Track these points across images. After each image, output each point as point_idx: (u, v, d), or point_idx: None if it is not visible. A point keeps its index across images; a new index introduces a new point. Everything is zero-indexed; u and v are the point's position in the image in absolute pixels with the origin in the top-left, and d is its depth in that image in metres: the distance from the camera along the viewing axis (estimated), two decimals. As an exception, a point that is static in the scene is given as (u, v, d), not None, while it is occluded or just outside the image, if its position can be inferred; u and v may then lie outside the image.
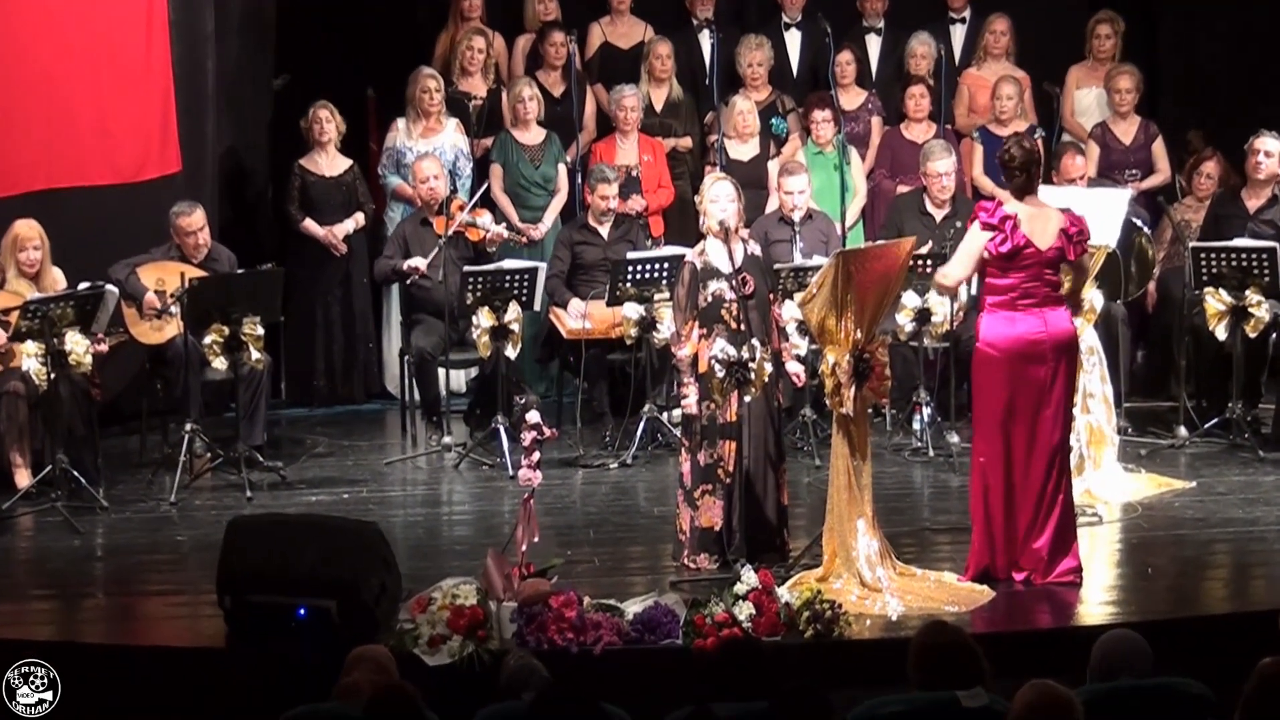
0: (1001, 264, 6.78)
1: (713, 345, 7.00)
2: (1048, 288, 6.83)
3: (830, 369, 6.85)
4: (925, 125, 10.58)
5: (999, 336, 6.83)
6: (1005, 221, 6.75)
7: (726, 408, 7.08)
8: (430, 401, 9.49)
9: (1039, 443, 6.83)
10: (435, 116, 10.27)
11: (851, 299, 6.77)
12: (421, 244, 9.47)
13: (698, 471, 7.16)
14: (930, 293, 8.87)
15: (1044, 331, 6.79)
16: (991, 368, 6.85)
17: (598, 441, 9.28)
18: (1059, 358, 6.83)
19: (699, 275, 7.15)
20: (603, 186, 9.61)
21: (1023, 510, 6.89)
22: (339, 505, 8.28)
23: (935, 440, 8.97)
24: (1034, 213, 6.84)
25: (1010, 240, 6.74)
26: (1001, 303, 6.84)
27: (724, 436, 7.10)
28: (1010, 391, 6.82)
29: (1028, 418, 6.83)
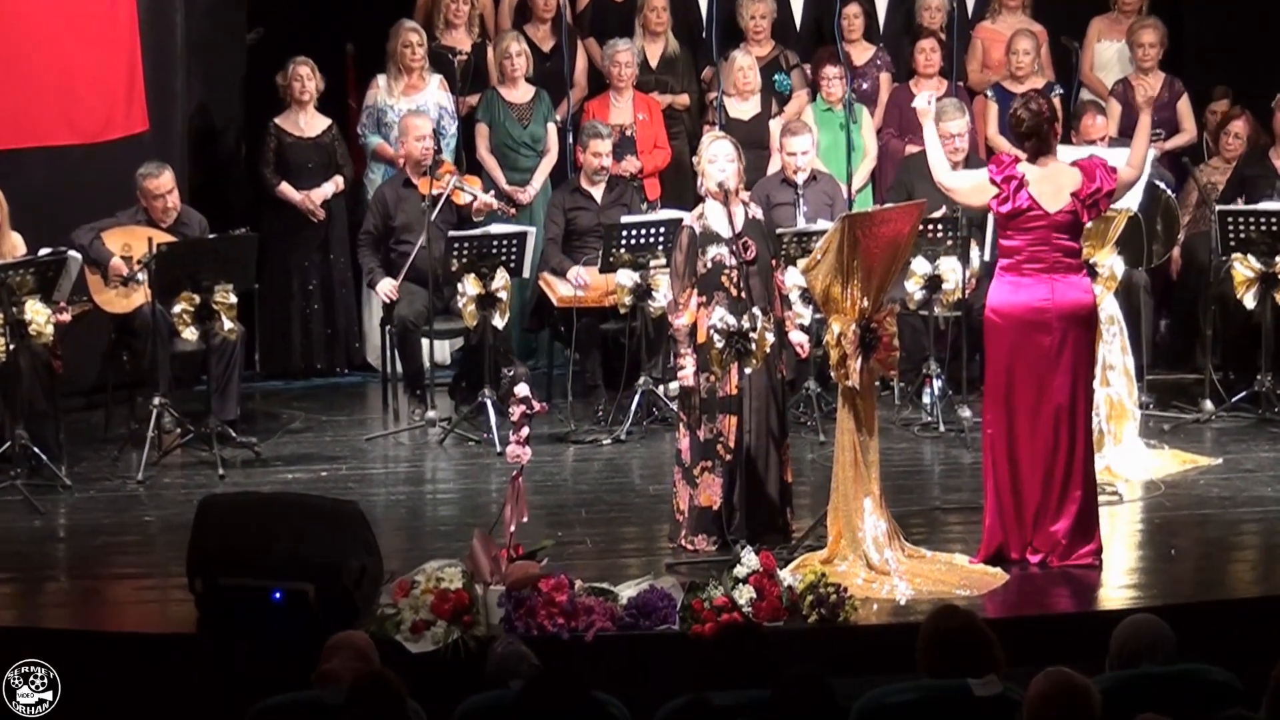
0: (1006, 224, 6.82)
1: (711, 314, 6.98)
2: (1059, 253, 6.81)
3: (835, 339, 6.84)
4: (936, 82, 10.55)
5: (1003, 303, 6.86)
6: (1009, 181, 6.77)
7: (727, 380, 7.06)
8: (413, 374, 9.48)
9: (1043, 415, 6.83)
10: (418, 73, 10.24)
11: (858, 265, 6.76)
12: (404, 207, 9.45)
13: (697, 447, 7.15)
14: (941, 259, 8.86)
15: (1049, 300, 6.78)
16: (996, 335, 6.89)
17: (590, 416, 9.27)
18: (1068, 326, 6.81)
19: (698, 240, 7.13)
20: (595, 143, 9.58)
21: (1029, 485, 6.90)
22: (317, 483, 8.27)
23: (946, 415, 8.97)
24: (1044, 174, 6.83)
25: (1011, 201, 6.77)
26: (1009, 266, 6.87)
27: (724, 410, 7.09)
28: (1015, 360, 6.85)
29: (1030, 388, 6.84)
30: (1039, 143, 6.89)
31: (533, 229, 9.24)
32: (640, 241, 8.91)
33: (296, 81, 10.07)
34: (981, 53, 10.94)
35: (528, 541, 6.71)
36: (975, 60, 10.95)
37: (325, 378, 10.38)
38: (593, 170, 9.62)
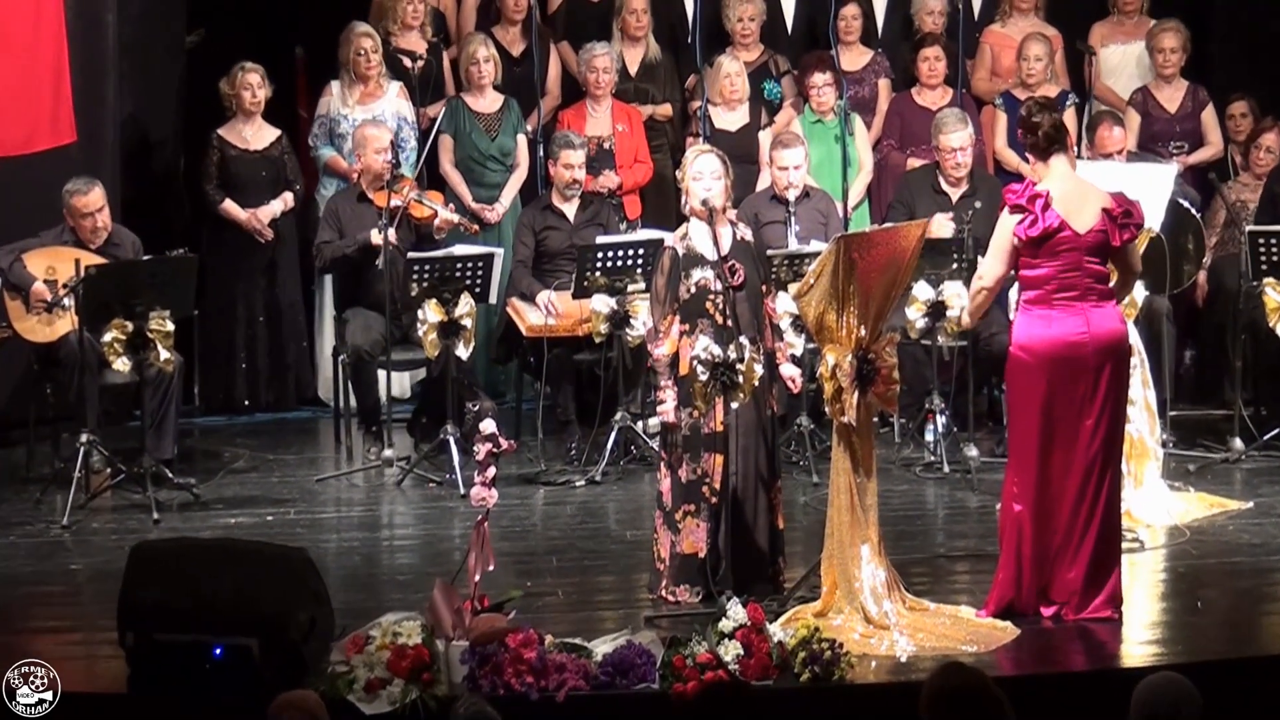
0: (1032, 250, 6.71)
1: (695, 344, 6.99)
2: (1090, 279, 6.74)
3: (830, 371, 6.85)
4: (940, 91, 10.60)
5: (1035, 339, 6.76)
6: (1034, 200, 6.68)
7: (711, 416, 7.07)
8: (368, 408, 9.48)
9: (1075, 462, 6.77)
10: (374, 79, 10.27)
11: (854, 290, 6.78)
12: (359, 223, 9.45)
13: (679, 489, 7.16)
14: (945, 284, 8.88)
15: (1086, 332, 6.71)
16: (1025, 375, 6.79)
17: (562, 455, 9.28)
18: (1104, 362, 6.74)
19: (680, 263, 7.15)
20: (567, 154, 9.60)
21: (1054, 536, 6.86)
22: (262, 528, 8.26)
23: (951, 454, 8.99)
24: (1069, 190, 6.77)
25: (1041, 221, 6.67)
26: (1036, 298, 6.77)
27: (709, 449, 7.10)
28: (1047, 402, 6.75)
29: (1066, 433, 6.77)
30: (1054, 148, 6.80)
31: (500, 250, 9.27)
32: (617, 264, 8.93)
33: (246, 90, 10.09)
34: (990, 59, 11.00)
35: (494, 592, 6.69)
36: (983, 67, 11.01)
37: (272, 413, 10.39)
38: (564, 184, 9.63)
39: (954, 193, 9.72)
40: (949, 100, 10.45)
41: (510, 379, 10.21)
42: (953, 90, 10.53)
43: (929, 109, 10.42)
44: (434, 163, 10.34)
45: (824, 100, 10.36)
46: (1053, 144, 6.81)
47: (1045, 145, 6.82)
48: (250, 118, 10.15)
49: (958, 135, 9.61)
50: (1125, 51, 10.91)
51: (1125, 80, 10.87)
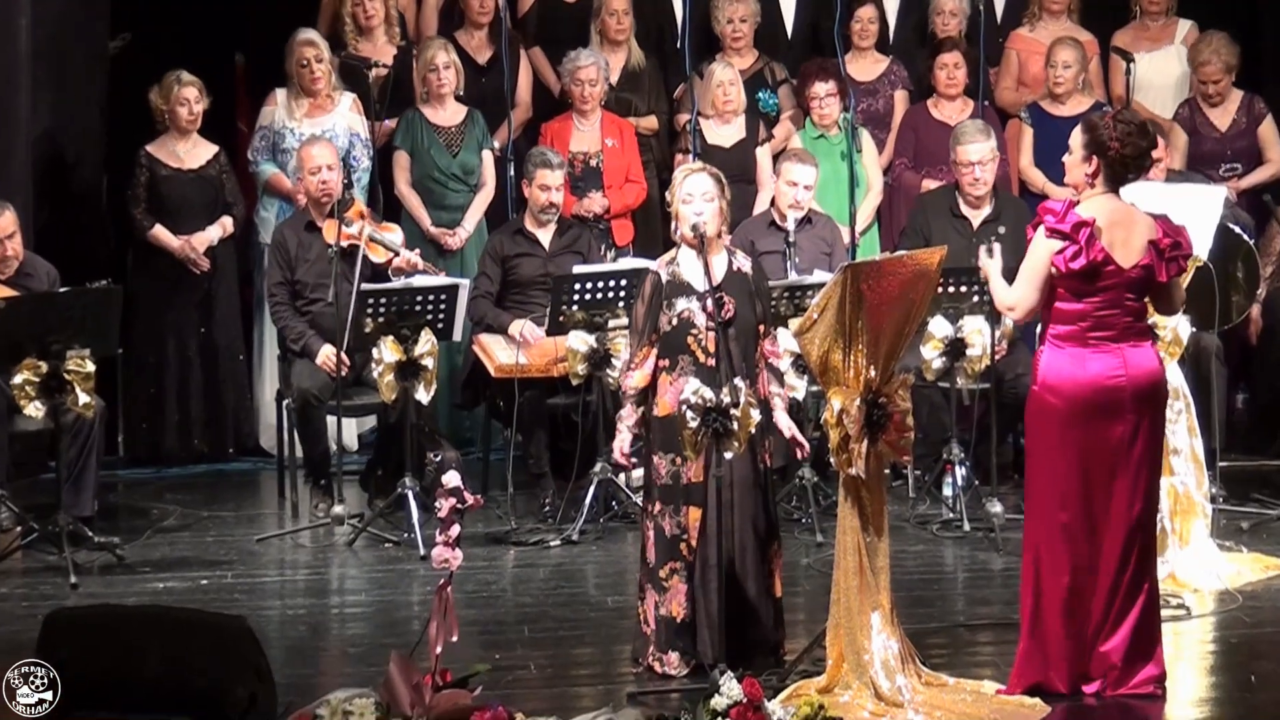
0: (1073, 285, 6.69)
1: (684, 386, 7.00)
2: (1130, 316, 6.74)
3: (836, 418, 6.87)
4: (960, 103, 10.65)
5: (1064, 379, 6.73)
6: (1080, 230, 6.62)
7: (690, 465, 7.12)
8: (316, 459, 9.50)
9: (1113, 521, 6.73)
10: (324, 92, 10.31)
11: (863, 326, 6.81)
12: (308, 255, 9.48)
13: (663, 544, 7.19)
14: (965, 319, 8.92)
15: (1123, 374, 6.70)
16: (1052, 420, 6.77)
17: (535, 511, 9.30)
18: (1142, 409, 6.73)
19: (663, 290, 7.18)
20: (543, 173, 9.62)
21: (1093, 611, 6.82)
22: (195, 594, 8.26)
23: (972, 510, 9.02)
24: (1117, 218, 6.72)
25: (1086, 254, 6.63)
26: (1068, 335, 6.74)
27: (688, 501, 7.13)
28: (1076, 453, 6.73)
29: (1099, 487, 6.75)
30: (1132, 179, 6.77)
31: (465, 281, 9.28)
32: (597, 296, 8.96)
33: (182, 106, 10.13)
34: (1016, 66, 11.06)
35: (457, 666, 6.71)
36: (1009, 75, 11.07)
37: (207, 464, 10.40)
38: (540, 208, 9.66)
39: (975, 216, 9.73)
40: (969, 113, 10.48)
41: (477, 426, 10.23)
42: (974, 102, 10.58)
43: (946, 123, 10.47)
44: (390, 182, 10.38)
45: (827, 113, 10.40)
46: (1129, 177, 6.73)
47: (1120, 177, 6.73)
48: (184, 134, 10.19)
49: (977, 147, 9.64)
50: (1152, 60, 10.93)
51: (1156, 93, 10.91)
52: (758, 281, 7.31)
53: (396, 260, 9.37)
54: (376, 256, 9.36)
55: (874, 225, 10.60)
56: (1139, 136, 6.72)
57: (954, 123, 10.32)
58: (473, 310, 9.48)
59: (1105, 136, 6.71)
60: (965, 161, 9.66)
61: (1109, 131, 6.71)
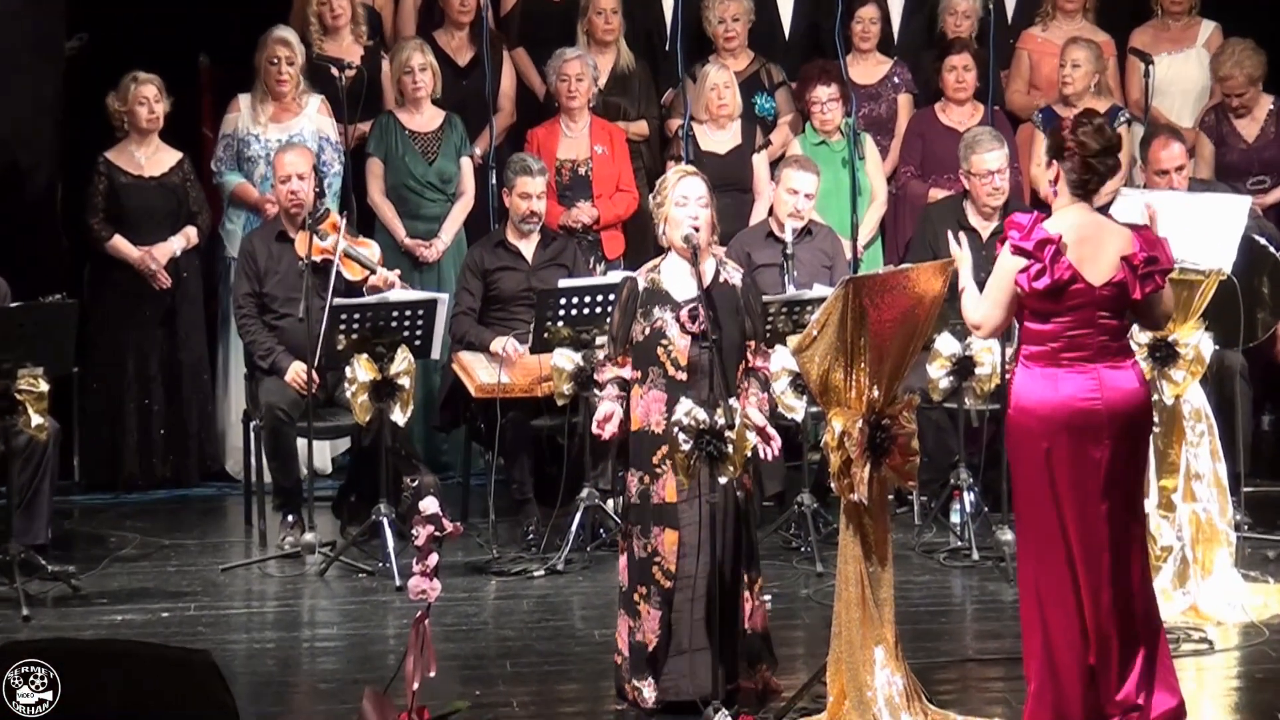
0: (1040, 305, 6.68)
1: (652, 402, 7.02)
2: (1105, 335, 6.70)
3: (836, 440, 6.89)
4: (970, 107, 10.68)
5: (1037, 400, 6.70)
6: (1044, 247, 6.60)
7: (661, 483, 7.13)
8: (286, 484, 9.49)
9: (1093, 544, 6.70)
10: (291, 94, 10.34)
11: (865, 344, 6.84)
12: (278, 268, 9.50)
13: (633, 567, 7.22)
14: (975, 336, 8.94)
15: (1098, 396, 6.67)
16: (1028, 443, 6.73)
17: (518, 539, 9.32)
18: (1122, 434, 6.70)
19: (639, 299, 7.21)
20: (523, 181, 9.63)
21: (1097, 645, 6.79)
22: (156, 627, 8.27)
23: (981, 538, 9.04)
24: (1088, 233, 6.67)
25: (1050, 274, 6.60)
26: (1040, 355, 6.71)
27: (658, 522, 7.15)
28: (1054, 476, 6.70)
29: (1081, 511, 6.70)
30: (1096, 181, 6.72)
31: (444, 296, 9.31)
32: (583, 311, 8.98)
33: (140, 106, 10.15)
34: (1027, 68, 11.10)
35: (435, 703, 6.73)
36: (1020, 78, 11.10)
37: (168, 489, 10.40)
38: (520, 217, 9.67)
39: (985, 228, 9.70)
40: (979, 118, 10.51)
41: (456, 449, 10.26)
42: (984, 106, 10.61)
43: (955, 129, 10.49)
44: (362, 190, 10.38)
45: (829, 118, 10.42)
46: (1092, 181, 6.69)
47: (1083, 182, 6.70)
48: (145, 138, 10.20)
49: (993, 155, 9.63)
50: (1172, 63, 10.95)
51: (1177, 99, 10.95)
52: (746, 296, 7.32)
53: (373, 279, 9.38)
54: (351, 274, 9.37)
55: (878, 237, 10.63)
56: (1093, 136, 6.65)
57: (963, 128, 10.34)
58: (453, 327, 9.51)
59: (1060, 139, 6.70)
60: (983, 171, 9.65)
61: (1064, 133, 6.69)
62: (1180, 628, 7.92)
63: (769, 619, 7.38)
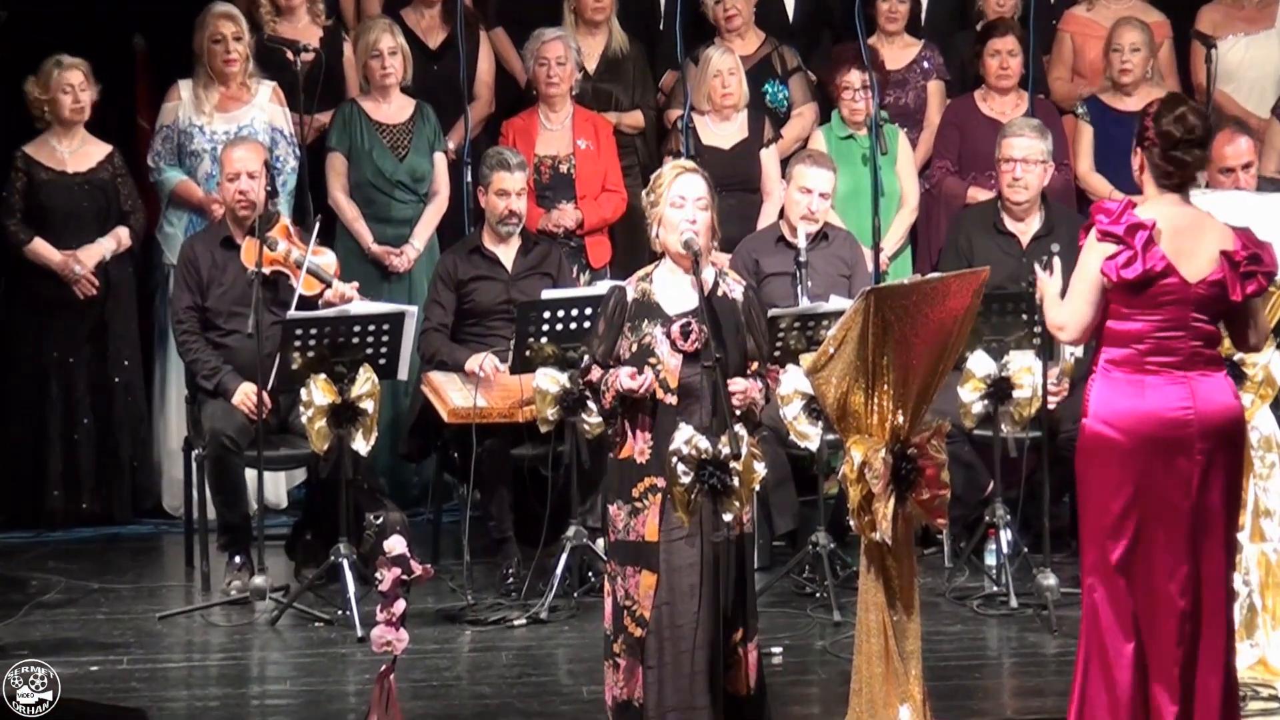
0: (1126, 298, 6.71)
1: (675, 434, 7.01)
2: (1199, 341, 6.75)
3: (856, 472, 6.93)
4: (1014, 97, 10.72)
5: (1119, 412, 6.74)
6: (1135, 232, 6.66)
7: (641, 519, 7.17)
8: (233, 521, 9.50)
9: (1178, 576, 6.73)
10: (239, 79, 10.40)
11: (889, 364, 6.88)
12: (223, 278, 9.53)
13: (614, 612, 7.26)
14: (1012, 354, 8.97)
15: (1190, 408, 6.71)
16: (1106, 459, 6.77)
17: (496, 584, 9.35)
18: (1215, 450, 6.74)
19: (628, 310, 7.24)
20: (501, 177, 9.65)
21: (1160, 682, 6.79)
22: (85, 682, 8.27)
23: (1020, 583, 9.07)
24: (1183, 223, 6.74)
25: (1141, 261, 6.65)
26: (1123, 359, 6.75)
27: (635, 562, 7.18)
28: (1135, 498, 6.74)
29: (1162, 537, 6.73)
30: (1190, 172, 6.77)
31: (412, 309, 9.29)
32: (569, 326, 9.00)
33: (65, 94, 10.19)
34: (1070, 53, 11.17)
35: (403, 768, 6.78)
36: (1062, 64, 11.17)
37: (98, 527, 10.43)
38: (498, 218, 9.70)
39: (1023, 232, 9.80)
40: (1024, 109, 10.53)
41: (426, 482, 10.32)
42: (1028, 95, 10.64)
43: (998, 120, 10.55)
44: (321, 190, 10.41)
45: (860, 107, 10.45)
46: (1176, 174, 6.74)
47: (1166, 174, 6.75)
48: (69, 130, 10.24)
49: (1023, 142, 9.68)
50: (1248, 46, 11.02)
51: (1252, 85, 11.01)
52: (749, 312, 7.32)
53: (329, 293, 9.39)
54: (305, 288, 9.36)
55: (907, 246, 10.68)
56: (1176, 125, 6.72)
57: (1006, 119, 10.40)
58: (422, 344, 9.55)
59: (1143, 127, 6.78)
60: (1006, 157, 9.72)
61: (1147, 120, 6.77)
62: (1248, 683, 7.89)
63: (778, 675, 7.39)
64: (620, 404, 7.17)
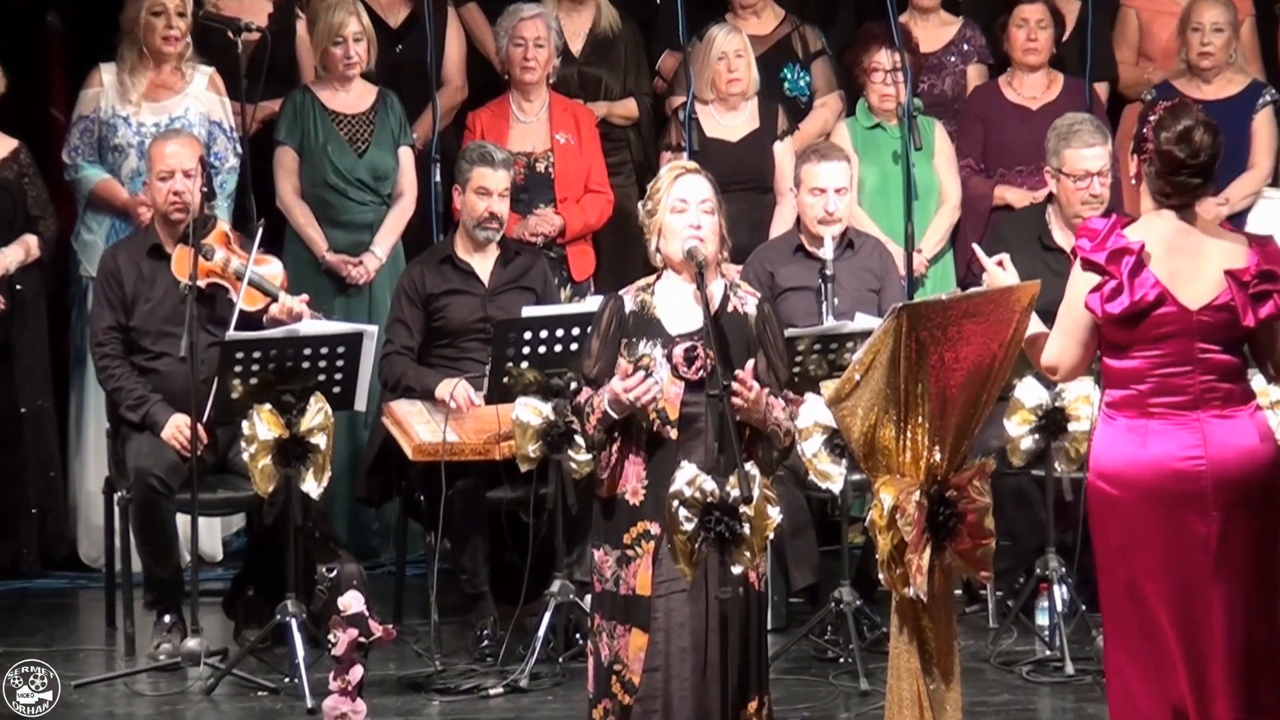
0: (1120, 332, 6.69)
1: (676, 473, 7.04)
2: (1211, 375, 6.69)
3: (886, 518, 6.96)
4: (1044, 76, 10.76)
5: (1120, 462, 6.70)
6: (1120, 259, 6.63)
7: (631, 571, 7.21)
8: (162, 575, 9.52)
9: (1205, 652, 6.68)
10: (173, 62, 10.44)
11: (924, 392, 6.91)
12: (150, 293, 9.56)
13: (598, 674, 7.30)
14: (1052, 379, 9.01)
15: (1201, 455, 6.65)
16: (1105, 516, 6.75)
17: (469, 647, 9.39)
18: (1235, 504, 6.67)
19: (626, 324, 7.28)
20: (481, 174, 9.69)
21: None
22: (-7, 764, 8.36)
23: (1077, 646, 9.10)
24: (1180, 242, 6.68)
25: (1129, 291, 6.63)
26: (1124, 401, 6.72)
27: (625, 619, 7.22)
28: (1145, 563, 6.70)
29: (1183, 608, 6.69)
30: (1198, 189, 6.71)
31: (374, 329, 9.31)
32: (554, 349, 9.05)
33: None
34: (1136, 32, 11.23)
35: None
36: (1126, 44, 11.22)
37: (3, 581, 10.48)
38: (476, 221, 9.73)
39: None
40: (1057, 91, 10.61)
41: (387, 529, 10.37)
42: (1061, 76, 10.71)
43: (1026, 106, 10.65)
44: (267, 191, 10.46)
45: (890, 93, 10.51)
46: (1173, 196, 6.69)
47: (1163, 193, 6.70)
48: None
49: (1095, 153, 9.64)
50: None
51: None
52: (763, 328, 7.38)
53: (274, 308, 9.41)
54: (247, 302, 9.38)
55: (949, 249, 10.73)
56: (1180, 144, 6.65)
57: (1036, 105, 10.47)
58: (384, 369, 9.60)
59: (1142, 134, 6.74)
60: (1078, 171, 9.66)
61: (1147, 129, 6.72)
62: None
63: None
64: (607, 432, 7.21)
